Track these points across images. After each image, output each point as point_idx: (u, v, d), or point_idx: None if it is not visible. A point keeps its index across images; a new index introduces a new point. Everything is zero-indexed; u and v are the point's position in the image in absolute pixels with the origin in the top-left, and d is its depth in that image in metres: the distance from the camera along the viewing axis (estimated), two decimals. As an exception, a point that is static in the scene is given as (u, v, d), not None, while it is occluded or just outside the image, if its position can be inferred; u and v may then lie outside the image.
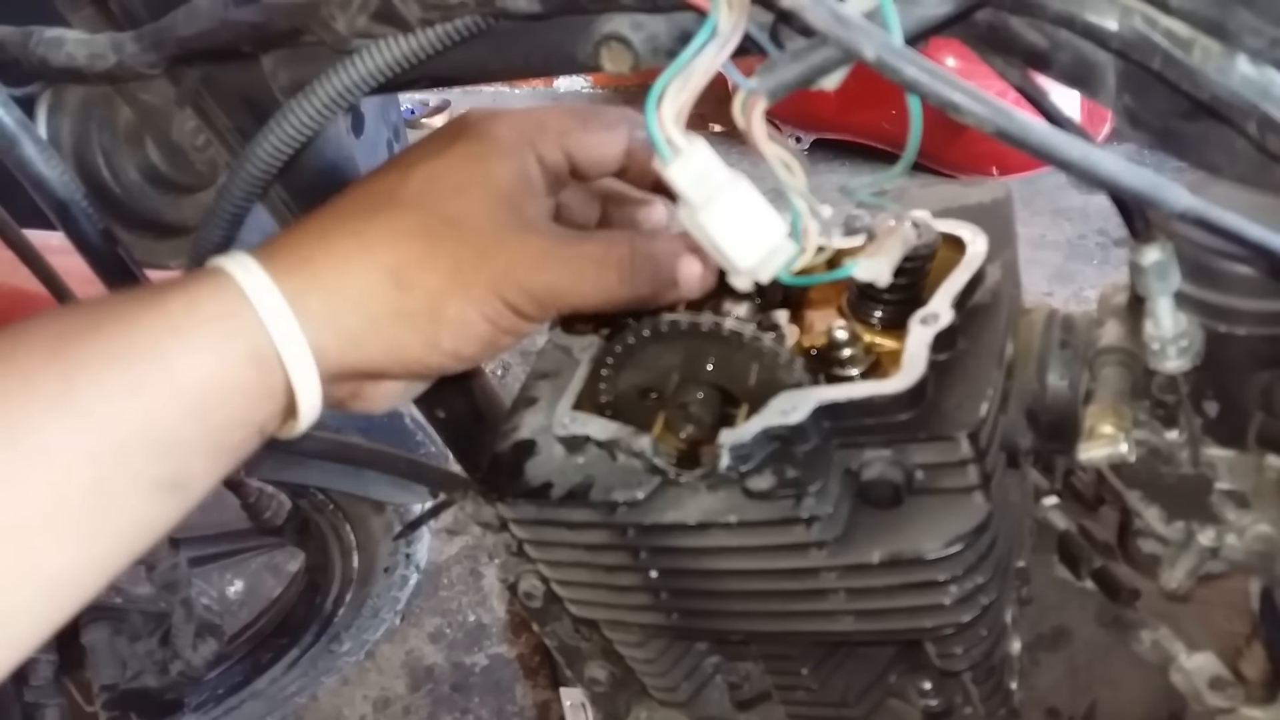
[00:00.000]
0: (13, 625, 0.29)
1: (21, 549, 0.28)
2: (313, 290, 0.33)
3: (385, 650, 1.47)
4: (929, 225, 0.40)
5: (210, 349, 0.31)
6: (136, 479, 0.30)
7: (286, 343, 0.32)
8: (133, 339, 0.30)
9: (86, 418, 0.29)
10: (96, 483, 0.29)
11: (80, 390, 0.29)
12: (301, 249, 0.34)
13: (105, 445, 0.29)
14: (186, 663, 0.99)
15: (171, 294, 0.32)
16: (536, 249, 0.34)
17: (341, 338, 0.33)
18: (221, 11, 0.36)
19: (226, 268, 0.32)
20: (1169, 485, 0.38)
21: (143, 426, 0.30)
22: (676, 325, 0.38)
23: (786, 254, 0.31)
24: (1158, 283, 0.33)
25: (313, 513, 1.13)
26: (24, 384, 0.29)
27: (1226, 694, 0.42)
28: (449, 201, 0.34)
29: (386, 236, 0.34)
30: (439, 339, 0.34)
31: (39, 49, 0.40)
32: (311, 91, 0.35)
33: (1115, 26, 0.27)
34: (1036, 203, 2.18)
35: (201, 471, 0.32)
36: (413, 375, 0.37)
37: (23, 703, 0.96)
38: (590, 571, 0.43)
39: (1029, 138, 0.25)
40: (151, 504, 0.31)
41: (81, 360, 0.29)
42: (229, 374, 0.31)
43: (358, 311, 0.33)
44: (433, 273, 0.34)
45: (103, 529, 0.30)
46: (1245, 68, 0.26)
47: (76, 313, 0.31)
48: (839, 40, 0.25)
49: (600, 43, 0.32)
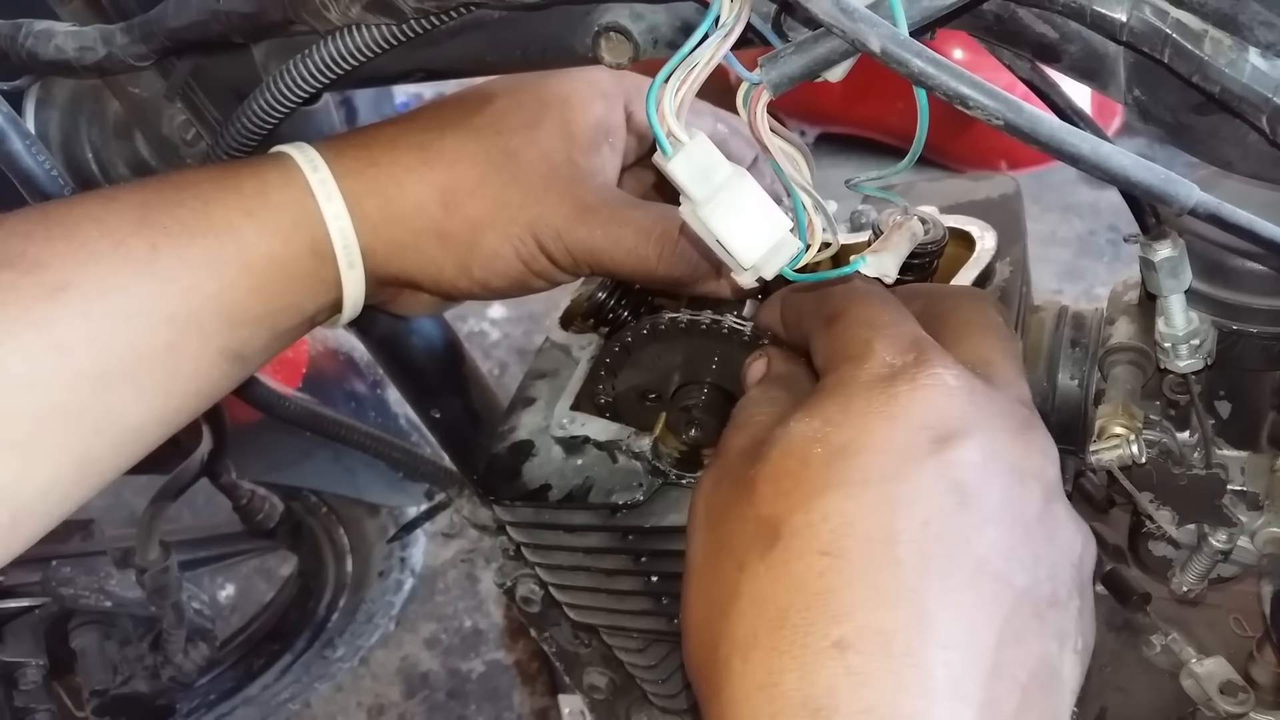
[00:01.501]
0: (90, 470, 0.31)
1: (108, 399, 0.30)
2: (370, 196, 0.34)
3: (380, 656, 1.46)
4: (937, 221, 0.39)
5: (278, 234, 0.33)
6: (207, 346, 0.32)
7: (342, 243, 0.34)
8: (210, 215, 0.32)
9: (169, 284, 0.31)
10: (172, 345, 0.31)
11: (165, 257, 0.31)
12: (370, 152, 0.35)
13: (183, 311, 0.31)
14: (178, 668, 0.98)
15: (244, 177, 0.33)
16: (582, 203, 0.35)
17: (389, 247, 0.35)
18: (212, 2, 0.35)
19: (296, 159, 0.34)
20: (1181, 487, 0.37)
21: (216, 297, 0.32)
22: (676, 323, 0.37)
23: (791, 250, 0.30)
24: (1169, 280, 0.32)
25: (306, 516, 1.12)
26: (115, 247, 0.30)
27: (1237, 699, 0.41)
28: (518, 134, 0.36)
29: (448, 157, 0.35)
30: (471, 266, 0.36)
31: (27, 42, 0.39)
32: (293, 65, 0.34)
33: (1125, 18, 0.26)
34: (1046, 198, 2.18)
35: (261, 348, 0.34)
36: (445, 294, 0.38)
37: (12, 708, 0.95)
38: (589, 575, 0.43)
39: (1038, 132, 0.25)
40: (216, 371, 0.33)
41: (167, 230, 0.31)
42: (292, 260, 0.33)
43: (406, 225, 0.35)
44: (479, 202, 0.35)
45: (175, 388, 0.32)
46: (1257, 61, 0.25)
47: (156, 185, 0.33)
48: (843, 32, 0.24)
49: (599, 34, 0.32)
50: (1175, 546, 0.40)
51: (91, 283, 0.30)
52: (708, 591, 0.25)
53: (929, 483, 0.23)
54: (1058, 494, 0.26)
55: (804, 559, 0.23)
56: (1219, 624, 0.43)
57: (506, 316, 1.98)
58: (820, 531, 0.23)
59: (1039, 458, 0.26)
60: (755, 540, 0.24)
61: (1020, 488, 0.24)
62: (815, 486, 0.24)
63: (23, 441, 0.29)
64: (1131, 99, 0.29)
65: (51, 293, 0.29)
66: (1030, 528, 0.24)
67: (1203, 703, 0.42)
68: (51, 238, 0.30)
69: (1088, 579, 0.26)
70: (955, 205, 0.44)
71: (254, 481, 0.91)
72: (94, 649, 0.97)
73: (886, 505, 0.23)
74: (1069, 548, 0.25)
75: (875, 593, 0.22)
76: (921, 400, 0.24)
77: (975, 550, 0.23)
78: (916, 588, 0.22)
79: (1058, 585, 0.24)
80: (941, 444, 0.24)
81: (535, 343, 0.47)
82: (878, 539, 0.23)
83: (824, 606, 0.23)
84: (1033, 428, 0.26)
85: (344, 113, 0.47)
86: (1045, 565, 0.24)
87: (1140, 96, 0.29)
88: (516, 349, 1.91)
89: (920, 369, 0.25)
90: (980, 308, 0.30)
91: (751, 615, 0.23)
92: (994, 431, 0.25)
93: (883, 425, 0.24)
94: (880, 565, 0.23)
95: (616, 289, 0.44)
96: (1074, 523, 0.26)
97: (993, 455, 0.24)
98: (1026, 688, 0.23)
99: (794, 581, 0.23)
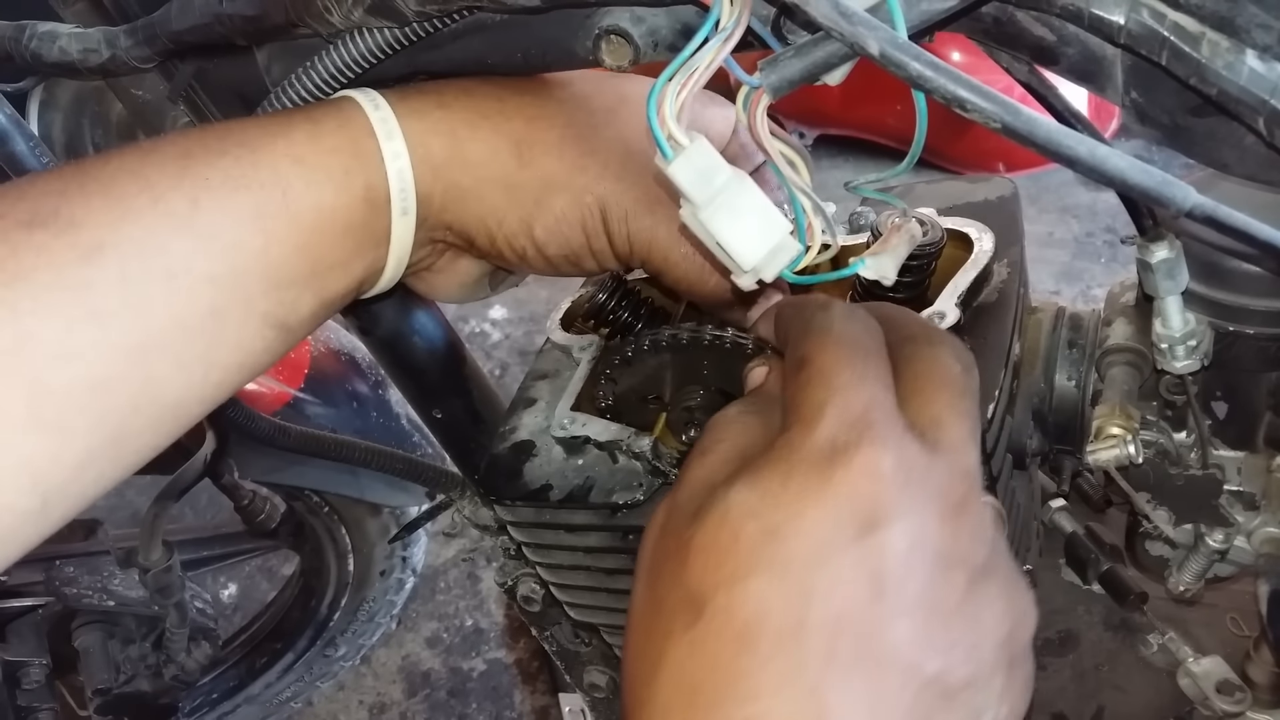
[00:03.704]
0: (125, 448, 0.28)
1: (146, 371, 0.28)
2: (438, 136, 0.32)
3: (381, 655, 1.46)
4: (935, 222, 0.39)
5: (329, 181, 0.31)
6: (251, 310, 0.30)
7: (399, 186, 0.32)
8: (257, 163, 0.30)
9: (212, 240, 0.29)
10: (214, 309, 0.29)
11: (206, 212, 0.28)
12: (442, 95, 0.33)
13: (225, 271, 0.29)
14: (180, 667, 0.98)
15: (296, 121, 0.31)
16: (654, 194, 0.34)
17: (448, 192, 0.33)
18: (215, 5, 0.35)
19: (359, 100, 0.32)
20: (1178, 487, 0.37)
21: (261, 254, 0.29)
22: (677, 338, 0.37)
23: (791, 252, 0.30)
24: (1166, 281, 0.32)
25: (307, 515, 1.12)
26: (153, 203, 0.28)
27: (1234, 698, 0.41)
28: (600, 113, 0.35)
29: (529, 111, 0.34)
30: (534, 224, 0.34)
31: (32, 43, 0.39)
32: (301, 75, 0.34)
33: (1123, 21, 0.26)
34: (1044, 200, 2.18)
35: (307, 315, 0.32)
36: (497, 253, 0.35)
37: (15, 707, 0.96)
38: (590, 575, 0.43)
39: (1035, 134, 0.25)
40: (260, 340, 0.30)
41: (208, 182, 0.29)
42: (342, 210, 0.31)
43: (472, 171, 0.33)
44: (556, 161, 0.33)
45: (217, 359, 0.29)
46: (1254, 63, 0.25)
47: (200, 134, 0.31)
48: (843, 35, 0.24)
49: (600, 37, 0.32)
50: (1172, 546, 0.40)
51: (129, 243, 0.27)
52: (640, 649, 0.27)
53: (848, 573, 0.24)
54: (988, 573, 0.26)
55: (721, 639, 0.24)
56: (1216, 623, 0.43)
57: (507, 317, 1.98)
58: (738, 615, 0.24)
59: (967, 542, 0.26)
60: (682, 612, 0.25)
61: (942, 576, 0.25)
62: (741, 568, 0.25)
63: (55, 419, 0.26)
64: (1129, 101, 0.29)
65: (86, 254, 0.27)
66: (949, 616, 0.25)
67: (1199, 701, 0.42)
68: (87, 194, 0.28)
69: (1020, 649, 0.27)
70: (953, 207, 0.44)
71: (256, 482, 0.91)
72: (97, 648, 0.98)
73: (803, 595, 0.24)
74: (994, 628, 0.26)
75: (780, 680, 0.24)
76: (854, 486, 0.25)
77: (885, 641, 0.24)
78: (819, 680, 0.24)
79: (977, 667, 0.25)
80: (866, 532, 0.25)
81: (536, 344, 0.47)
82: (788, 629, 0.24)
83: (731, 688, 0.24)
84: (966, 508, 0.26)
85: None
86: (962, 649, 0.25)
87: (1138, 99, 0.29)
88: (517, 350, 1.91)
89: (860, 450, 0.25)
90: (938, 358, 0.29)
91: (669, 687, 0.25)
92: (922, 518, 0.25)
93: (814, 509, 0.25)
94: (787, 654, 0.24)
95: (616, 290, 0.44)
96: (1003, 600, 0.26)
97: (916, 543, 0.25)
98: None
99: (709, 660, 0.25)
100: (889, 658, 0.24)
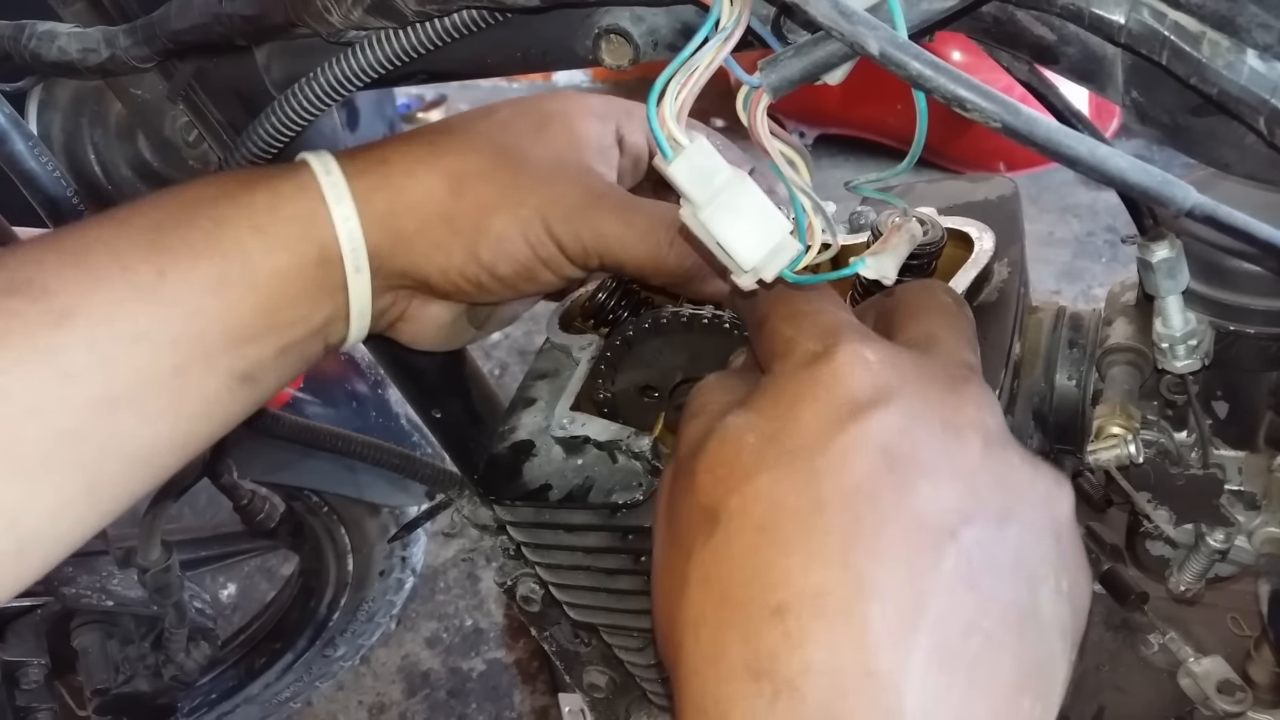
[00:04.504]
0: (100, 495, 0.31)
1: (114, 424, 0.30)
2: (380, 190, 0.35)
3: (381, 655, 1.46)
4: (935, 222, 0.39)
5: (285, 248, 0.33)
6: (213, 366, 0.32)
7: (349, 246, 0.34)
8: (220, 235, 0.32)
9: (174, 307, 0.31)
10: (177, 367, 0.31)
11: (171, 281, 0.31)
12: (383, 150, 0.36)
13: (187, 333, 0.32)
14: (179, 667, 0.98)
15: (259, 190, 0.34)
16: (592, 190, 0.36)
17: (396, 239, 0.35)
18: (214, 4, 0.35)
19: (312, 165, 0.34)
20: (1178, 487, 0.37)
21: (220, 317, 0.32)
22: (678, 317, 0.38)
23: (791, 252, 0.30)
24: (1167, 281, 0.32)
25: (307, 515, 1.12)
26: (123, 272, 0.31)
27: (1235, 698, 0.41)
28: (525, 135, 0.36)
29: (457, 147, 0.36)
30: (479, 250, 0.35)
31: (31, 43, 0.39)
32: (305, 84, 0.35)
33: (1123, 20, 0.26)
34: (1044, 199, 2.18)
35: (270, 366, 0.34)
36: (454, 288, 0.37)
37: (14, 707, 0.95)
38: (590, 575, 0.43)
39: (1035, 134, 0.25)
40: (226, 392, 0.33)
41: (175, 253, 0.32)
42: (296, 271, 0.33)
43: (414, 213, 0.35)
44: (489, 185, 0.35)
45: (182, 410, 0.32)
46: (1254, 63, 0.25)
47: (171, 204, 0.33)
48: (842, 35, 0.24)
49: (600, 36, 0.32)
50: (1173, 546, 0.40)
51: (97, 309, 0.30)
52: (664, 582, 0.27)
53: (853, 449, 0.24)
54: (999, 441, 0.26)
55: (741, 538, 0.24)
56: (1216, 623, 0.43)
57: (507, 316, 1.97)
58: (753, 511, 0.24)
59: (972, 410, 0.26)
60: (699, 528, 0.25)
61: (954, 439, 0.25)
62: (748, 470, 0.25)
63: (28, 468, 0.29)
64: (1129, 101, 0.29)
65: (58, 320, 0.30)
66: (973, 477, 0.25)
67: (1200, 701, 0.42)
68: (61, 264, 0.31)
69: (1063, 518, 0.26)
70: (954, 206, 0.44)
71: (255, 481, 0.91)
72: (96, 648, 0.97)
73: (813, 477, 0.24)
74: (1024, 490, 0.25)
75: (808, 559, 0.23)
76: (841, 376, 0.25)
77: (909, 506, 0.24)
78: (848, 549, 0.23)
79: (1016, 530, 0.25)
80: (861, 411, 0.25)
81: (536, 343, 0.48)
82: (807, 509, 0.24)
83: (761, 578, 0.24)
84: (966, 383, 0.26)
85: (345, 113, 0.47)
86: (994, 510, 0.24)
87: (1138, 98, 0.29)
88: (517, 349, 1.91)
89: (838, 347, 0.26)
90: (927, 291, 0.31)
91: (699, 598, 0.25)
92: (919, 393, 0.25)
93: (807, 406, 0.25)
94: (811, 533, 0.24)
95: (616, 290, 0.44)
96: (1030, 467, 0.26)
97: (918, 415, 0.25)
98: (990, 632, 0.23)
99: (734, 560, 0.24)
100: (915, 520, 0.23)
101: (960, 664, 0.23)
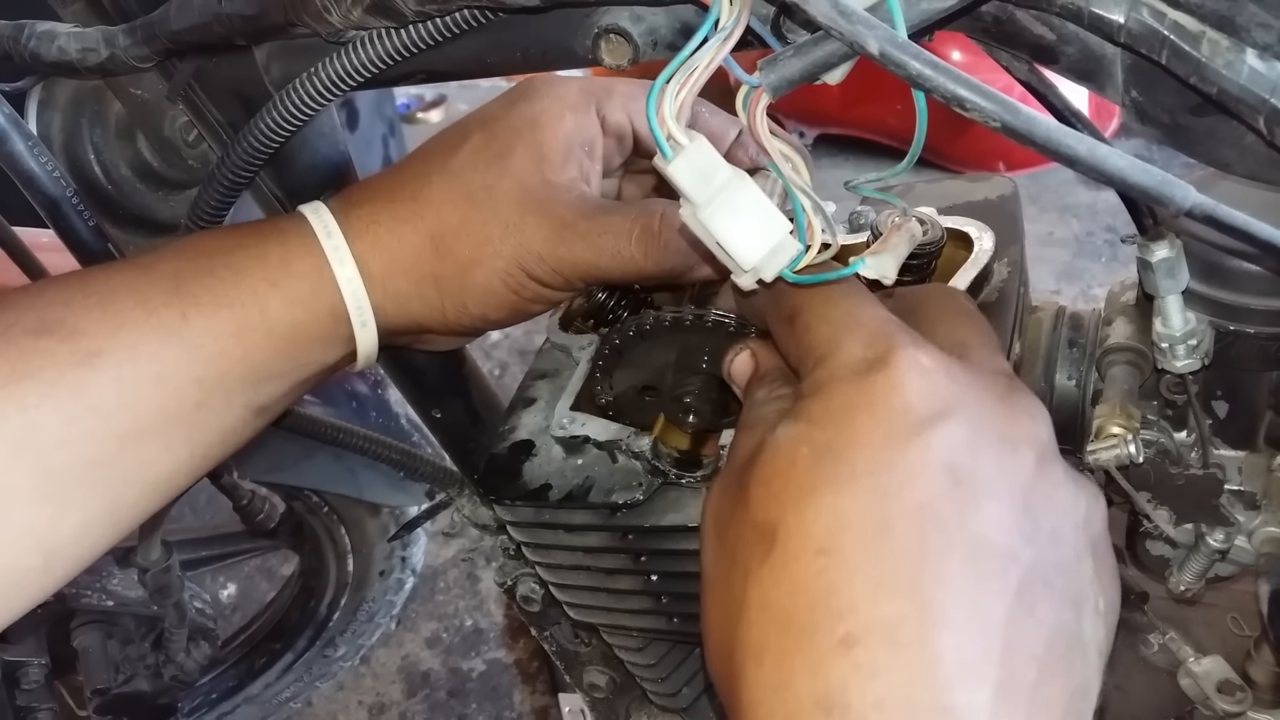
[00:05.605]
0: (120, 517, 0.33)
1: (137, 454, 0.33)
2: (375, 254, 0.37)
3: (381, 655, 1.46)
4: (935, 222, 0.39)
5: (299, 302, 0.35)
6: (232, 403, 0.35)
7: (355, 305, 0.36)
8: (239, 284, 0.35)
9: (198, 350, 0.33)
10: (198, 404, 0.34)
11: (194, 326, 0.33)
12: (373, 208, 0.37)
13: (210, 374, 0.34)
14: (179, 667, 0.98)
15: (270, 247, 0.36)
16: (559, 221, 0.36)
17: (396, 300, 0.37)
18: (214, 4, 0.35)
19: (314, 227, 0.36)
20: (1178, 486, 0.37)
21: (242, 360, 0.34)
22: (661, 320, 0.38)
23: (790, 252, 0.30)
24: (1166, 280, 0.32)
25: (307, 515, 1.12)
26: (148, 315, 0.33)
27: (1235, 698, 0.41)
28: (491, 168, 0.37)
29: (435, 201, 0.37)
30: (466, 304, 0.37)
31: (30, 43, 0.39)
32: (303, 81, 0.35)
33: (1123, 19, 0.26)
34: (1044, 199, 2.18)
35: (283, 399, 0.37)
36: (453, 333, 0.40)
37: (14, 707, 0.95)
38: (590, 575, 0.43)
39: (1035, 133, 0.25)
40: (240, 423, 0.36)
41: (198, 299, 0.34)
42: (313, 324, 0.36)
43: (407, 275, 0.37)
44: (465, 241, 0.37)
45: (201, 441, 0.35)
46: (1254, 62, 0.25)
47: (191, 254, 0.35)
48: (842, 34, 0.24)
49: (599, 36, 0.32)
50: (1173, 546, 0.40)
51: (124, 349, 0.32)
52: (719, 601, 0.25)
53: (918, 467, 0.23)
54: (1051, 456, 0.25)
55: (801, 560, 0.23)
56: (1216, 623, 0.43)
57: (507, 316, 1.97)
58: (814, 530, 0.23)
59: (1027, 422, 0.25)
60: (755, 546, 0.24)
61: (1013, 456, 0.24)
62: (805, 486, 0.24)
63: (56, 494, 0.31)
64: (1129, 100, 0.29)
65: (86, 358, 0.31)
66: (1028, 495, 0.24)
67: (1200, 701, 0.42)
68: (88, 306, 0.32)
69: (1099, 536, 0.25)
70: (953, 206, 0.44)
71: (255, 481, 0.91)
72: (96, 648, 0.97)
73: (878, 496, 0.23)
74: (1070, 509, 0.25)
75: (876, 585, 0.22)
76: (899, 386, 0.24)
77: (973, 528, 0.23)
78: (917, 575, 0.22)
79: (1064, 550, 0.24)
80: (925, 426, 0.23)
81: (535, 343, 0.48)
82: (872, 531, 0.23)
83: (827, 605, 0.22)
84: (1016, 393, 0.26)
85: (345, 113, 0.47)
86: (1047, 531, 0.24)
87: (1138, 98, 0.29)
88: (517, 349, 1.91)
89: (893, 354, 0.24)
90: (950, 296, 0.31)
91: (760, 622, 0.23)
92: (977, 405, 0.24)
93: (864, 417, 0.24)
94: (878, 557, 0.22)
95: (616, 290, 0.44)
96: (1073, 483, 0.25)
97: (979, 429, 0.24)
98: (1044, 659, 0.22)
99: (795, 583, 0.23)
100: (981, 543, 0.22)
101: (1021, 695, 0.22)
